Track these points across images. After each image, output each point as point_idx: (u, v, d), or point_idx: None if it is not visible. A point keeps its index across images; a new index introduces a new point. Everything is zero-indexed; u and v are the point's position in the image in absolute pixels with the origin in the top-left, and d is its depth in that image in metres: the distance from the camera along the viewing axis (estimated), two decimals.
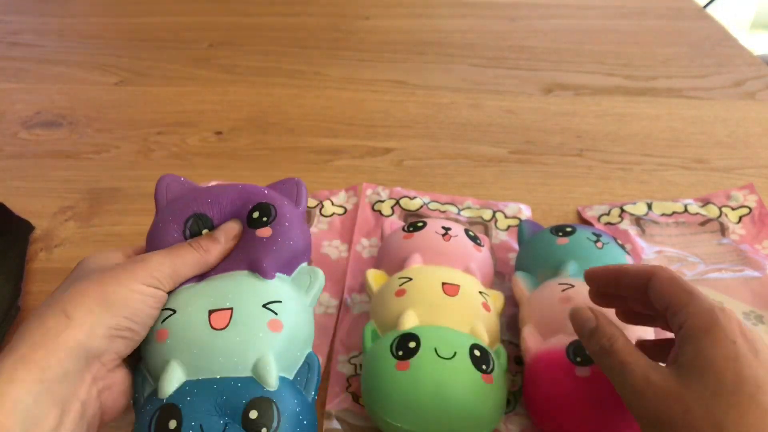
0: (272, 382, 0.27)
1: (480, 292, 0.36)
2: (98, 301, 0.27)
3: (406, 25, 0.82)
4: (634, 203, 0.50)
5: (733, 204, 0.50)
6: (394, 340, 0.32)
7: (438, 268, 0.38)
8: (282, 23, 0.81)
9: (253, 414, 0.26)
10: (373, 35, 0.79)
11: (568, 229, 0.40)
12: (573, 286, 0.35)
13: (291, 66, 0.72)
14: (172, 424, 0.26)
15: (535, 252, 0.41)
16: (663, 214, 0.49)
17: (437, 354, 0.31)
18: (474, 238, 0.41)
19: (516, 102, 0.66)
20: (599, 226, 0.49)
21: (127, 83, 0.68)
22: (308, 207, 0.49)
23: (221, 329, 0.28)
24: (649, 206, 0.50)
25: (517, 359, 0.39)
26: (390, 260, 0.40)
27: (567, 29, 0.80)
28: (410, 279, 0.36)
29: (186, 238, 0.32)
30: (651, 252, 0.46)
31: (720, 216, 0.49)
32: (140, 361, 0.30)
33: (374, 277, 0.39)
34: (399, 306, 0.35)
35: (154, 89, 0.67)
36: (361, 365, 0.38)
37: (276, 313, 0.28)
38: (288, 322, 0.29)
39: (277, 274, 0.31)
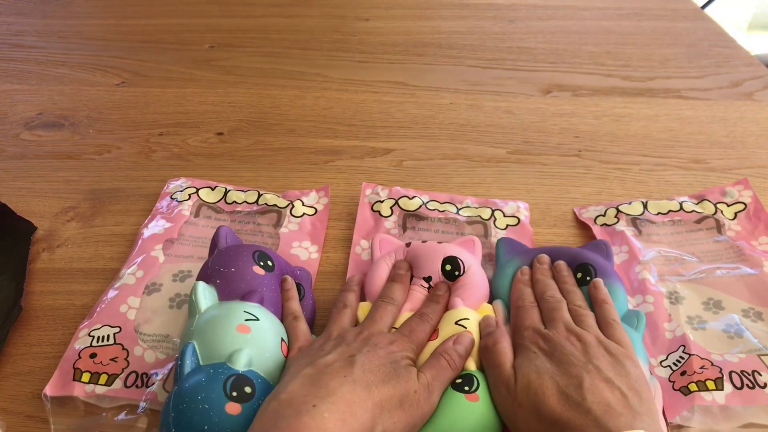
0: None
1: (457, 323, 0.38)
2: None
3: (405, 26, 0.82)
4: (630, 203, 0.50)
5: (728, 200, 0.50)
6: None
7: None
8: (282, 25, 0.82)
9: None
10: (373, 37, 0.79)
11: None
12: None
13: (291, 67, 0.72)
14: (248, 389, 0.32)
15: (505, 293, 0.42)
16: (659, 213, 0.50)
17: None
18: (452, 271, 0.41)
19: (515, 102, 0.66)
20: (596, 229, 0.49)
21: (129, 84, 0.69)
22: (279, 207, 0.50)
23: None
24: (645, 205, 0.50)
25: None
26: (376, 296, 0.41)
27: (565, 30, 0.81)
28: None
29: (257, 264, 0.40)
30: (649, 253, 0.46)
31: (715, 213, 0.49)
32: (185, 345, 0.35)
33: (362, 310, 0.40)
34: None
35: (156, 90, 0.68)
36: None
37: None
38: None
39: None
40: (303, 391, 0.30)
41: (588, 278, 0.41)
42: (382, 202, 0.51)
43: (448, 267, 0.41)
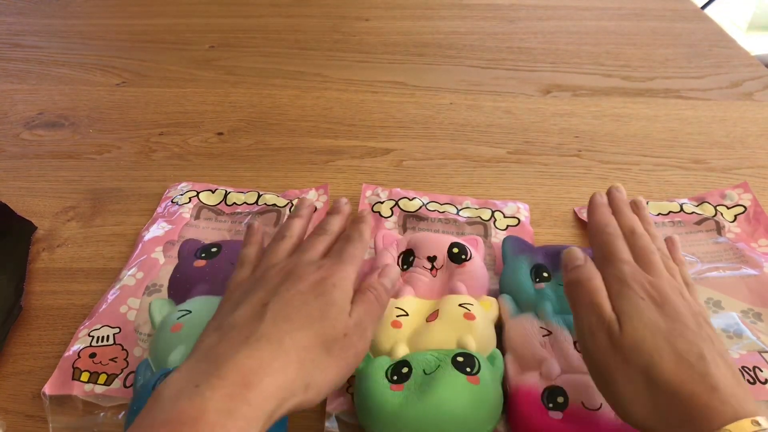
0: None
1: (460, 305, 0.38)
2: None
3: (405, 26, 0.82)
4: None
5: (728, 203, 0.50)
6: (389, 367, 0.35)
7: (425, 303, 0.40)
8: (282, 25, 0.82)
9: None
10: (373, 37, 0.79)
11: (545, 275, 0.42)
12: (551, 333, 0.38)
13: (291, 67, 0.72)
14: None
15: (515, 288, 0.42)
16: (659, 214, 0.50)
17: (425, 373, 0.34)
18: (459, 254, 0.42)
19: (515, 103, 0.66)
20: None
21: (129, 84, 0.69)
22: (278, 206, 0.50)
23: None
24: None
25: None
26: None
27: (565, 30, 0.81)
28: (407, 314, 0.38)
29: (197, 257, 0.39)
30: None
31: (715, 215, 0.49)
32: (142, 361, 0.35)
33: None
34: (395, 336, 0.37)
35: (156, 90, 0.68)
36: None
37: None
38: None
39: None
40: (191, 369, 0.25)
41: None
42: (382, 203, 0.51)
43: (455, 250, 0.42)
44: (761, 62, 0.74)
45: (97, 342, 0.39)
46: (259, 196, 0.51)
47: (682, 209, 0.50)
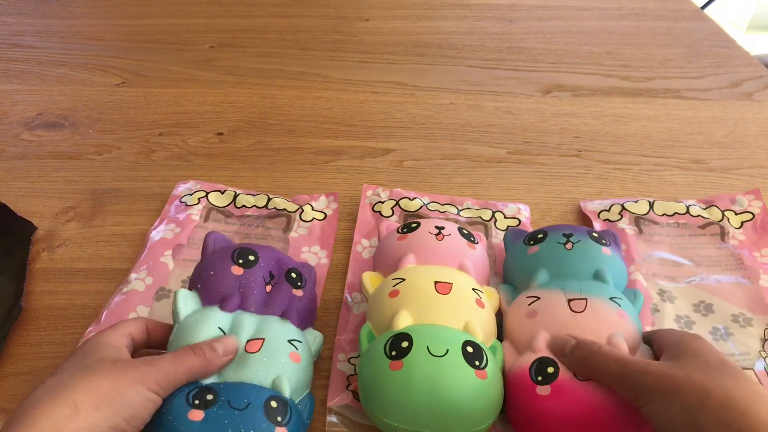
0: (286, 393, 0.33)
1: (473, 289, 0.37)
2: (106, 400, 0.28)
3: (405, 27, 0.82)
4: (636, 201, 0.50)
5: (736, 208, 0.49)
6: (387, 341, 0.33)
7: (431, 267, 0.38)
8: (282, 25, 0.82)
9: (273, 403, 0.31)
10: (373, 37, 0.79)
11: (540, 236, 0.41)
12: (539, 298, 0.36)
13: (291, 67, 0.72)
14: (210, 396, 0.31)
15: (511, 264, 0.41)
16: (664, 214, 0.49)
17: (429, 352, 0.32)
18: (468, 236, 0.42)
19: (515, 103, 0.66)
20: (598, 223, 0.49)
21: (129, 84, 0.69)
22: (288, 212, 0.50)
23: (254, 352, 0.34)
24: (651, 205, 0.50)
25: None
26: (385, 262, 0.41)
27: (565, 30, 0.81)
28: (403, 280, 0.37)
29: (234, 262, 0.37)
30: (645, 257, 0.46)
31: (722, 220, 0.48)
32: None
33: (370, 280, 0.39)
34: (393, 307, 0.35)
35: (156, 90, 0.68)
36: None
37: (296, 348, 0.35)
38: (303, 357, 0.35)
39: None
40: None
41: (604, 241, 0.40)
42: (382, 203, 0.51)
43: (465, 232, 0.41)
44: (761, 62, 0.74)
45: None
46: (269, 199, 0.51)
47: (688, 211, 0.49)
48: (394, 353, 0.32)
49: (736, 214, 0.49)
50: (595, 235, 0.41)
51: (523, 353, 0.35)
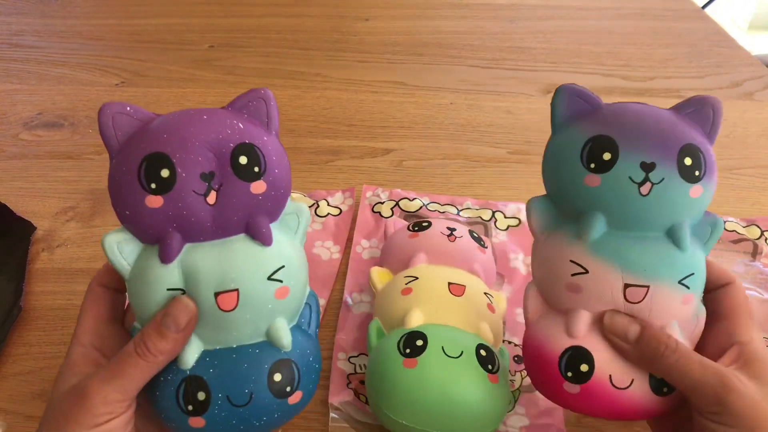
0: (287, 344, 0.28)
1: (485, 293, 0.37)
2: None
3: (405, 26, 0.82)
4: None
5: None
6: (401, 338, 0.33)
7: (444, 268, 0.38)
8: (282, 25, 0.82)
9: (277, 377, 0.27)
10: (372, 36, 0.79)
11: (606, 156, 0.27)
12: (587, 271, 0.28)
13: (291, 67, 0.72)
14: (201, 396, 0.27)
15: (556, 179, 0.29)
16: None
17: (444, 353, 0.31)
18: (478, 240, 0.42)
19: (515, 103, 0.66)
20: None
21: (129, 84, 0.69)
22: None
23: (230, 310, 0.27)
24: None
25: (516, 358, 0.39)
26: (394, 258, 0.40)
27: (565, 30, 0.81)
28: (416, 278, 0.37)
29: (146, 190, 0.26)
30: None
31: (759, 238, 0.47)
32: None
33: (379, 275, 0.39)
34: (405, 304, 0.35)
35: (155, 90, 0.68)
36: (360, 365, 0.38)
37: (281, 281, 0.28)
38: (292, 283, 0.28)
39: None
40: None
41: (697, 173, 0.27)
42: (382, 203, 0.51)
43: (475, 235, 0.41)
44: (762, 62, 0.74)
45: None
46: None
47: (724, 226, 0.47)
48: (408, 351, 0.32)
49: None
50: (687, 162, 0.27)
51: (551, 313, 0.30)
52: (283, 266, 0.28)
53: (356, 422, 0.36)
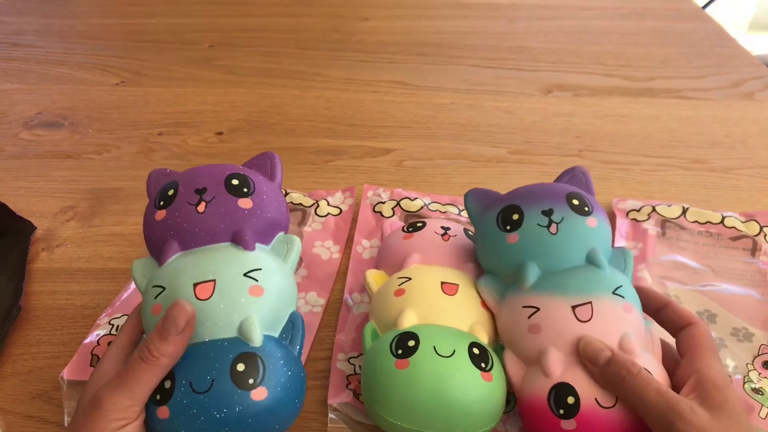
0: (256, 339, 0.29)
1: (478, 291, 0.37)
2: None
3: (406, 26, 0.82)
4: (669, 205, 0.49)
5: None
6: (393, 339, 0.33)
7: (437, 267, 0.38)
8: (282, 24, 0.82)
9: (240, 367, 0.28)
10: (373, 36, 0.79)
11: (515, 217, 0.35)
12: (538, 309, 0.33)
13: (291, 67, 0.72)
14: (167, 384, 0.28)
15: (490, 254, 0.36)
16: (695, 221, 0.48)
17: (436, 352, 0.31)
18: (473, 238, 0.41)
19: (515, 102, 0.66)
20: (624, 220, 0.48)
21: (128, 84, 0.69)
22: (304, 206, 0.50)
23: (206, 299, 0.29)
24: (684, 211, 0.48)
25: None
26: (389, 260, 0.40)
27: (566, 30, 0.81)
28: (409, 279, 0.37)
29: (156, 207, 0.32)
30: (661, 259, 0.45)
31: (758, 234, 0.47)
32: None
33: (374, 277, 0.39)
34: (398, 305, 0.35)
35: (155, 90, 0.67)
36: (359, 366, 0.38)
37: (257, 280, 0.30)
38: (268, 286, 0.31)
39: (257, 244, 0.33)
40: None
41: (586, 208, 0.35)
42: (383, 203, 0.50)
43: (470, 234, 0.41)
44: (762, 62, 0.74)
45: (117, 330, 0.39)
46: (286, 193, 0.51)
47: (722, 222, 0.47)
48: (400, 352, 0.32)
49: None
50: (575, 203, 0.35)
51: (530, 366, 0.33)
52: (260, 269, 0.31)
53: (355, 423, 0.35)
